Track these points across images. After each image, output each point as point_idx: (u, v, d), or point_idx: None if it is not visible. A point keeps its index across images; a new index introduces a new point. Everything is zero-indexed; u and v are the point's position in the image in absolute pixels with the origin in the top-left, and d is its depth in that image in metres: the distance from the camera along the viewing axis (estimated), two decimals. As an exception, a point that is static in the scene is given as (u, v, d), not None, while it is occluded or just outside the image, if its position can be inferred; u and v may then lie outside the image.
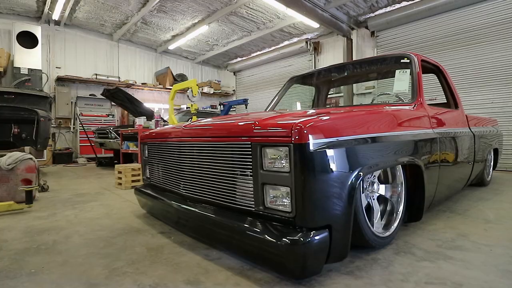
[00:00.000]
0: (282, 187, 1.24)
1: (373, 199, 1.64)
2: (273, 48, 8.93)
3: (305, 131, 1.17)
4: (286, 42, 8.56)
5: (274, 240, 1.18)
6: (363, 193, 1.57)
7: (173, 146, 1.90)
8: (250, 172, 1.34)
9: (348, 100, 6.97)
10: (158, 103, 9.78)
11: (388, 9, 6.31)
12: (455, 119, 2.55)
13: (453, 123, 2.45)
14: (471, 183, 3.19)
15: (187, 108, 9.41)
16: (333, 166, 1.23)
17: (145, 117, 4.55)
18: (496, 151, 3.74)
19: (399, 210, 1.73)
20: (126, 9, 7.10)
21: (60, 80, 8.00)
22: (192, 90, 4.22)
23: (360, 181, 1.35)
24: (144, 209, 2.41)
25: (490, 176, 3.63)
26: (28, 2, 6.83)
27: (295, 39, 8.31)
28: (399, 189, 1.77)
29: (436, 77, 2.87)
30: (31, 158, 2.96)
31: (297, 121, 1.20)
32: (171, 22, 7.72)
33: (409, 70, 2.31)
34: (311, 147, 1.17)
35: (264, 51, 9.21)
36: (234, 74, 10.74)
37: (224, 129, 1.52)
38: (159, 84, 9.64)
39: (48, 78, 7.69)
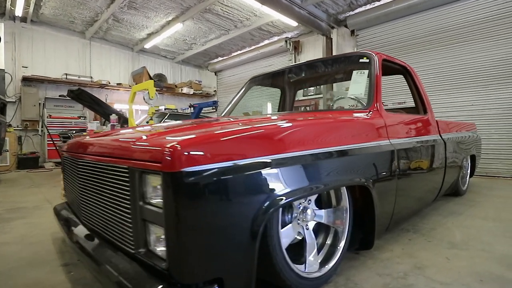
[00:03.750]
0: (158, 227, 0.93)
1: (306, 229, 1.34)
2: (253, 47, 8.63)
3: (180, 155, 0.86)
4: (266, 41, 8.26)
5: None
6: (290, 223, 1.27)
7: (71, 162, 1.57)
8: (128, 203, 1.03)
9: (326, 102, 6.70)
10: (134, 104, 9.34)
11: (368, 7, 6.05)
12: (422, 126, 2.27)
13: (418, 131, 2.18)
14: (445, 193, 2.93)
15: (165, 109, 9.06)
16: (225, 199, 0.92)
17: (98, 121, 4.19)
18: (473, 158, 3.50)
19: (340, 244, 1.43)
20: (94, 5, 6.71)
21: (27, 80, 7.55)
22: (149, 92, 3.89)
23: (273, 214, 1.05)
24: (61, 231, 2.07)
25: (466, 185, 3.38)
26: (-13, -3, 6.40)
27: (275, 38, 8.01)
28: (344, 214, 1.47)
29: (404, 79, 2.60)
30: None
31: (173, 141, 0.89)
32: (144, 20, 7.35)
33: (367, 71, 2.02)
34: (190, 176, 0.86)
35: (244, 50, 8.90)
36: (215, 74, 10.41)
37: (106, 147, 1.20)
38: (136, 85, 9.22)
39: (12, 78, 7.26)
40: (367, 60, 2.08)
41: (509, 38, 4.60)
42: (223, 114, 2.89)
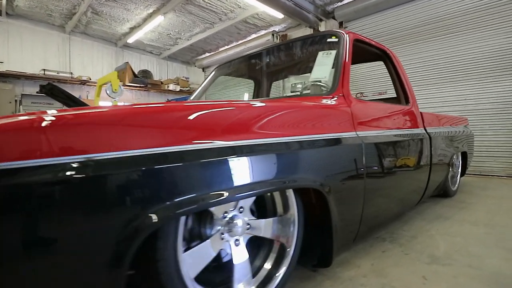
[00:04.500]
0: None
1: (236, 245, 1.02)
2: (240, 42, 8.30)
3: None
4: (253, 35, 7.93)
5: None
6: (208, 238, 0.95)
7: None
8: None
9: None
10: (118, 101, 9.03)
11: (356, -3, 5.74)
12: (401, 118, 1.97)
13: (396, 123, 1.87)
14: (432, 194, 2.63)
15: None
16: (66, 210, 0.61)
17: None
18: (464, 155, 3.20)
19: (280, 270, 1.11)
20: (70, -4, 6.37)
21: (2, 76, 7.20)
22: (111, 85, 3.57)
23: (164, 231, 0.74)
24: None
25: (457, 185, 3.07)
26: (-46, -13, 6.04)
27: (262, 32, 7.69)
28: (290, 226, 1.16)
29: (384, 65, 2.29)
30: None
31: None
32: (124, 12, 7.01)
33: (334, 51, 1.71)
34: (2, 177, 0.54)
35: (232, 45, 8.57)
36: (203, 70, 10.08)
37: None
38: (120, 81, 8.87)
39: (-16, 74, 6.91)
40: (336, 40, 1.77)
41: (504, 28, 4.30)
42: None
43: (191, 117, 0.85)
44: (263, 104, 1.09)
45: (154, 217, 0.70)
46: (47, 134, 0.61)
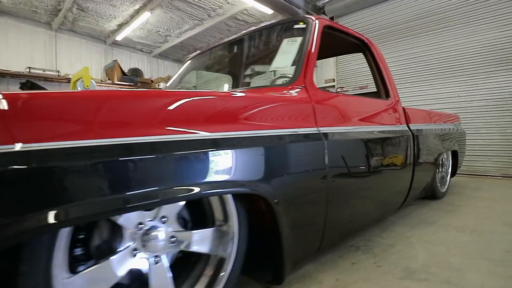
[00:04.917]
0: None
1: (155, 263, 0.84)
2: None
3: None
4: (244, 32, 7.74)
5: None
6: (113, 256, 0.77)
7: None
8: None
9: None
10: (107, 100, 8.84)
11: (347, -9, 5.56)
12: (379, 113, 1.79)
13: (371, 119, 1.69)
14: (419, 196, 2.45)
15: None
16: None
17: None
18: (455, 154, 3.02)
19: None
20: (53, -8, 6.18)
21: (-14, 74, 7.01)
22: (83, 81, 3.39)
23: (30, 251, 0.55)
24: None
25: (446, 186, 2.89)
26: None
27: (253, 29, 7.50)
28: (229, 244, 0.98)
29: (363, 56, 2.11)
30: None
31: None
32: (111, 8, 6.82)
33: (300, 38, 1.53)
34: None
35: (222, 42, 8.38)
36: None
37: None
38: (109, 79, 8.71)
39: (-34, 72, 6.72)
40: (304, 26, 1.59)
41: (496, 22, 4.12)
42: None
43: (82, 107, 0.67)
44: (197, 94, 0.91)
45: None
46: None
